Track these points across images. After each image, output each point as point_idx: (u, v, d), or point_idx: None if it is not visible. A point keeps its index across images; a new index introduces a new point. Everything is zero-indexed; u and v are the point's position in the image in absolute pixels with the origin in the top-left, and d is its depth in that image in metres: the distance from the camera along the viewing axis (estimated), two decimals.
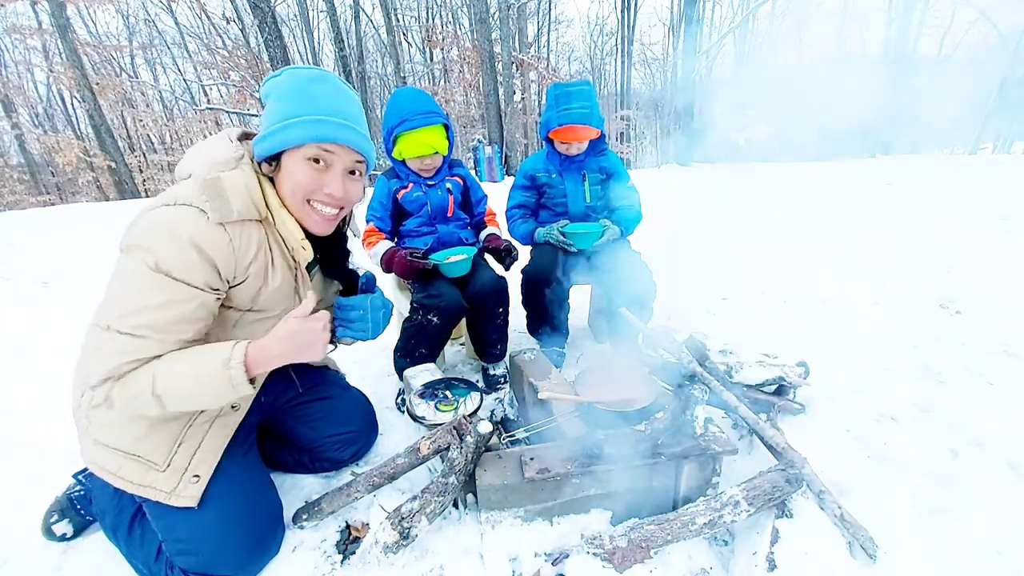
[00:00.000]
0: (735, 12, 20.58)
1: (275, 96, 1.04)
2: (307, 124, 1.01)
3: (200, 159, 1.04)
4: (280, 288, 1.12)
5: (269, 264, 1.08)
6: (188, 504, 1.07)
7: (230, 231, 0.99)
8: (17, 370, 2.39)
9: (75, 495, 1.30)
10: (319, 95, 1.03)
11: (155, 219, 0.94)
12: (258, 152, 1.05)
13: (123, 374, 0.94)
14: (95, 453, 1.09)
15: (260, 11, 8.91)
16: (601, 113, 2.04)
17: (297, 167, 1.04)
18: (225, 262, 0.99)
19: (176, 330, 0.96)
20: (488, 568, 1.13)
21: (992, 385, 1.78)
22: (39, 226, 5.21)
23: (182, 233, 0.93)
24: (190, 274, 0.94)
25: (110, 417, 1.07)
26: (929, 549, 1.10)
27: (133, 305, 0.93)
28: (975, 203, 5.02)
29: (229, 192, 0.98)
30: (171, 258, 0.92)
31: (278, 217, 1.07)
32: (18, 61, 15.61)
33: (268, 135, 1.02)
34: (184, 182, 1.02)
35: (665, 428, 1.24)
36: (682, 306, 2.71)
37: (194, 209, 0.95)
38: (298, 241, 1.09)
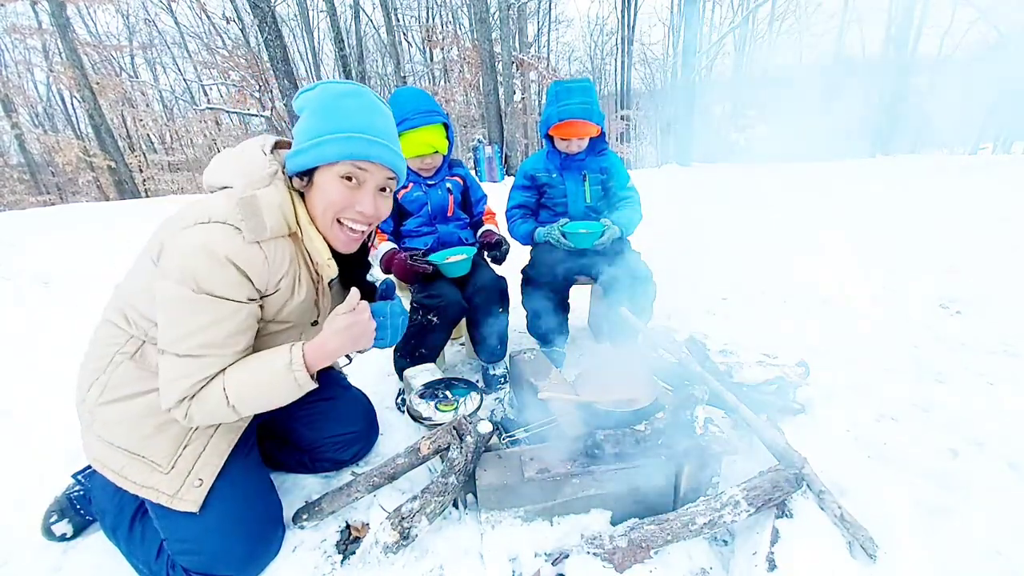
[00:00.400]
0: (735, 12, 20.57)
1: (309, 110, 1.04)
2: (341, 141, 1.01)
3: (234, 171, 1.04)
4: (304, 302, 1.13)
5: (297, 278, 1.10)
6: (190, 509, 1.07)
7: (265, 248, 1.00)
8: (17, 370, 2.39)
9: (74, 495, 1.30)
10: (353, 111, 1.03)
11: (191, 241, 0.94)
12: (291, 167, 1.05)
13: (195, 393, 0.98)
14: (99, 450, 1.08)
15: (260, 11, 8.91)
16: (601, 111, 2.04)
17: (330, 185, 1.04)
18: (260, 277, 1.00)
19: (231, 343, 1.00)
20: (488, 568, 1.13)
21: (992, 385, 1.78)
22: (39, 226, 5.21)
23: (219, 252, 0.93)
24: (231, 290, 0.96)
25: (117, 414, 1.07)
26: (929, 549, 1.10)
27: (185, 329, 0.95)
28: (975, 203, 5.02)
29: (264, 211, 0.98)
30: (211, 278, 0.94)
31: (307, 234, 1.08)
32: (18, 61, 15.61)
33: (301, 151, 1.02)
34: (217, 196, 1.02)
35: (665, 428, 1.24)
36: (682, 306, 2.71)
37: (229, 227, 0.96)
38: (325, 259, 1.10)
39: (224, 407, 0.99)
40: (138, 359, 1.08)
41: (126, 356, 1.08)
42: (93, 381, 1.09)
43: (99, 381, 1.08)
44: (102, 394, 1.07)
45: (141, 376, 1.08)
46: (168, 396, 0.98)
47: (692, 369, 1.51)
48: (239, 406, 1.00)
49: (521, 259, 2.23)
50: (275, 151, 1.10)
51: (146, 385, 1.07)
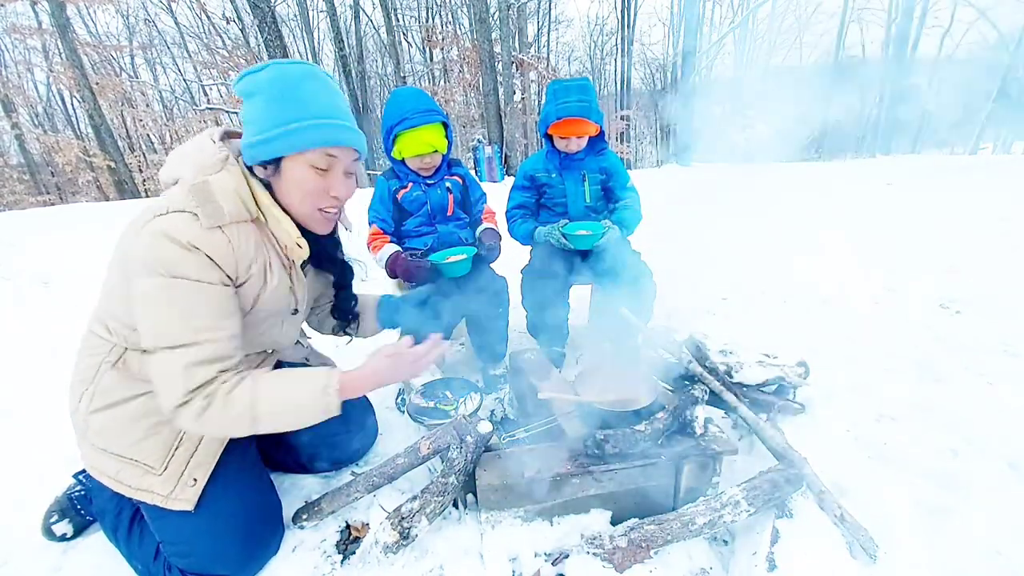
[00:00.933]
0: (735, 12, 20.58)
1: (265, 95, 0.99)
2: (312, 130, 0.99)
3: (184, 163, 1.02)
4: (278, 288, 1.12)
5: (268, 264, 1.08)
6: (185, 507, 1.07)
7: (227, 232, 0.98)
8: (17, 370, 2.39)
9: (75, 495, 1.31)
10: (316, 95, 1.01)
11: (152, 231, 0.92)
12: (253, 155, 1.02)
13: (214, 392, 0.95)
14: (93, 457, 1.09)
15: (260, 11, 8.91)
16: (600, 110, 2.03)
17: (304, 175, 1.03)
18: (227, 263, 0.98)
19: (222, 326, 0.98)
20: (488, 568, 1.13)
21: (992, 385, 1.78)
22: (39, 226, 5.21)
23: (182, 239, 0.92)
24: (204, 273, 0.94)
25: (107, 421, 1.07)
26: (929, 549, 1.10)
27: (168, 317, 0.93)
28: (975, 203, 5.02)
29: (218, 196, 0.97)
30: (182, 263, 0.92)
31: (271, 216, 1.06)
32: (18, 61, 15.60)
33: (267, 140, 0.99)
34: (173, 189, 1.01)
35: (665, 428, 1.24)
36: (682, 306, 2.71)
37: (187, 215, 0.94)
38: (294, 239, 1.08)
39: (246, 417, 0.97)
40: (120, 367, 1.08)
41: (109, 364, 1.08)
42: (83, 391, 1.09)
43: (88, 391, 1.08)
44: (91, 402, 1.07)
45: (126, 382, 1.07)
46: (170, 395, 0.94)
47: (692, 369, 1.51)
48: (261, 419, 0.98)
49: (521, 259, 2.23)
50: (225, 140, 1.09)
51: (132, 390, 1.07)
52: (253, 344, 1.17)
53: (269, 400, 0.99)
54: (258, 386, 0.99)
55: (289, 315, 1.20)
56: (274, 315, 1.15)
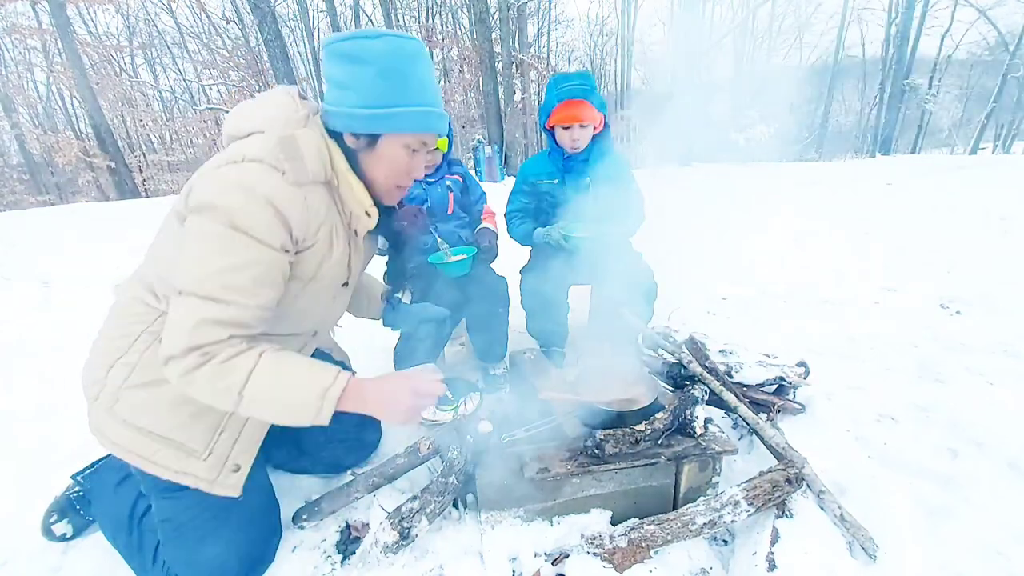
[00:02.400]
0: (735, 12, 20.60)
1: (378, 68, 0.95)
2: (421, 116, 1.00)
3: (263, 117, 0.99)
4: (340, 257, 1.09)
5: (334, 229, 1.05)
6: (230, 493, 1.05)
7: (305, 190, 0.95)
8: (17, 370, 2.39)
9: (74, 496, 1.30)
10: (425, 79, 1.01)
11: (227, 176, 0.89)
12: (349, 124, 1.00)
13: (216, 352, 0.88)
14: (121, 435, 1.02)
15: (260, 11, 8.91)
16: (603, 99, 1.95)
17: (398, 153, 1.03)
18: (299, 222, 0.94)
19: (258, 293, 0.92)
20: (488, 568, 1.12)
21: (992, 385, 1.78)
22: (39, 226, 5.21)
23: (258, 190, 0.88)
24: (267, 233, 0.90)
25: (148, 399, 1.01)
26: (929, 549, 1.10)
27: (212, 267, 0.88)
28: (975, 203, 5.02)
29: (305, 152, 0.95)
30: (248, 216, 0.88)
31: (344, 182, 1.03)
32: (18, 61, 15.61)
33: (376, 116, 0.97)
34: (251, 139, 0.97)
35: (665, 428, 1.24)
36: (682, 306, 2.71)
37: (267, 166, 0.91)
38: (364, 207, 1.05)
39: (235, 393, 0.89)
40: None
41: (155, 336, 1.01)
42: (115, 360, 1.02)
43: (123, 362, 1.02)
44: (129, 377, 1.01)
45: None
46: (171, 344, 0.87)
47: (692, 369, 1.51)
48: (247, 399, 0.90)
49: (521, 259, 2.23)
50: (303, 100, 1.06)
51: None
52: (302, 320, 1.13)
53: (265, 380, 0.90)
54: (262, 361, 0.91)
55: (340, 288, 1.17)
56: (327, 288, 1.11)
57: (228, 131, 1.03)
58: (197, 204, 0.89)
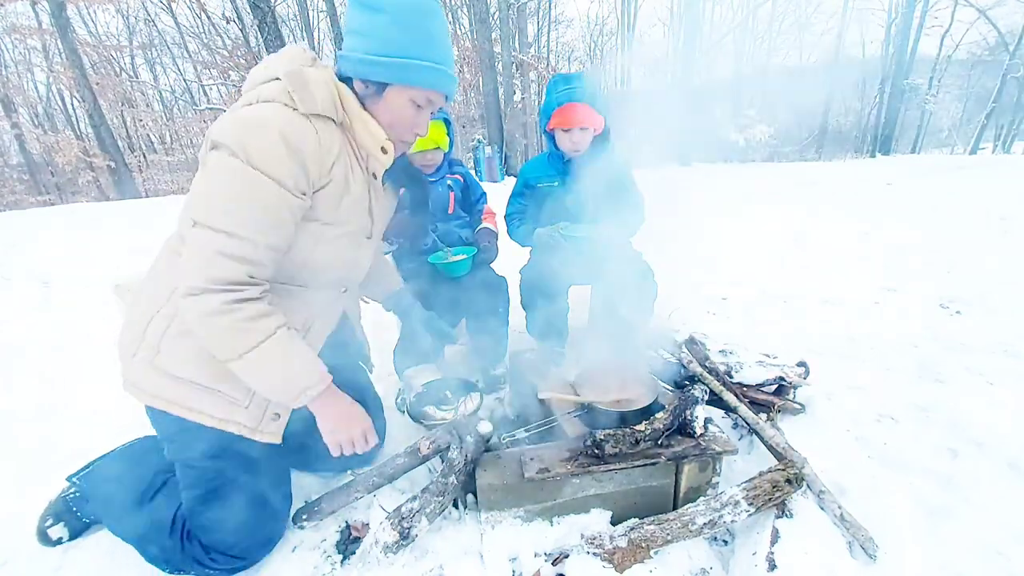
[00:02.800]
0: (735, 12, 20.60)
1: (393, 17, 0.98)
2: (430, 71, 1.02)
3: (278, 65, 1.02)
4: (359, 199, 1.11)
5: (350, 169, 1.07)
6: (272, 440, 1.08)
7: (315, 124, 0.98)
8: (17, 370, 2.39)
9: (70, 496, 1.29)
10: (441, 36, 1.03)
11: (243, 116, 0.93)
12: (359, 69, 1.02)
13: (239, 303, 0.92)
14: (162, 385, 1.03)
15: (260, 11, 8.91)
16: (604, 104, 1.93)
17: (403, 106, 1.05)
18: (313, 157, 0.97)
19: (269, 233, 0.95)
20: (488, 568, 1.13)
21: (992, 385, 1.78)
22: (39, 226, 5.21)
23: (272, 124, 0.92)
24: (281, 171, 0.93)
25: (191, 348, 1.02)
26: (929, 549, 1.10)
27: (228, 201, 0.91)
28: (975, 203, 5.02)
29: (312, 84, 0.97)
30: (263, 151, 0.91)
31: (359, 119, 1.05)
32: (18, 61, 15.61)
33: (386, 64, 1.00)
34: (264, 85, 1.00)
35: (665, 428, 1.24)
36: (682, 306, 2.71)
37: (277, 104, 0.95)
38: (379, 143, 1.07)
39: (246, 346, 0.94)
40: None
41: None
42: (155, 313, 1.04)
43: (162, 313, 1.04)
44: (170, 327, 1.03)
45: None
46: (191, 275, 0.91)
47: (692, 369, 1.51)
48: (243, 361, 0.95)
49: (521, 259, 2.23)
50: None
51: None
52: (326, 271, 1.14)
53: (269, 355, 0.96)
54: (276, 335, 0.97)
55: (364, 239, 1.18)
56: (351, 235, 1.13)
57: (245, 88, 1.06)
58: (215, 141, 0.93)
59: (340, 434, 1.13)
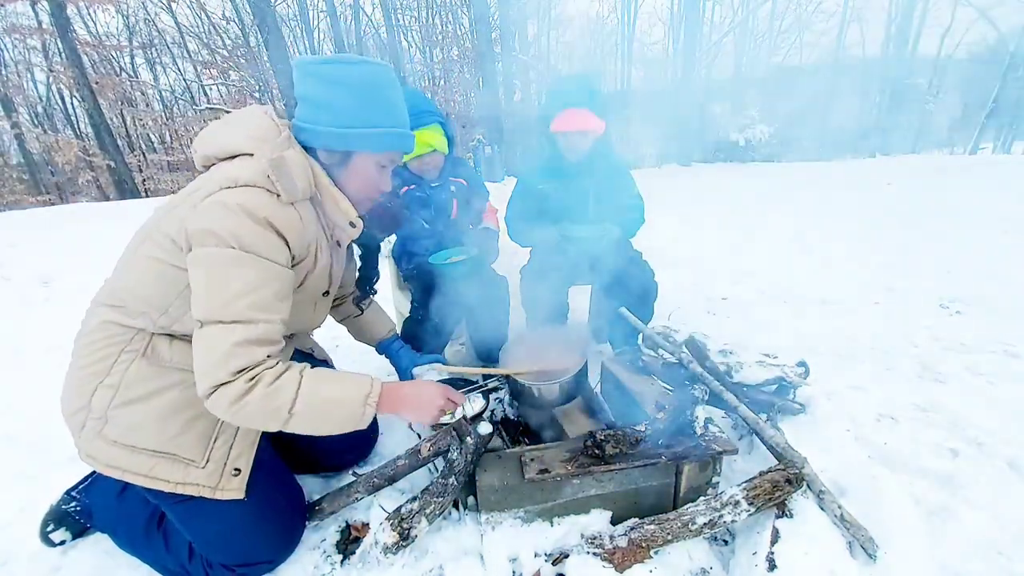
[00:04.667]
0: (735, 12, 20.57)
1: (353, 91, 1.02)
2: (392, 137, 1.08)
3: (247, 137, 1.01)
4: (323, 268, 1.13)
5: (319, 243, 1.09)
6: (235, 496, 1.06)
7: (299, 209, 1.00)
8: (17, 369, 2.39)
9: (71, 509, 1.28)
10: (397, 103, 1.09)
11: (225, 204, 0.91)
12: (326, 141, 1.05)
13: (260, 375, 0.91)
14: (114, 456, 1.02)
15: (260, 11, 8.91)
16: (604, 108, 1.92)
17: (371, 170, 1.11)
18: (295, 240, 0.99)
19: (278, 308, 0.97)
20: (488, 569, 1.13)
21: (992, 385, 1.78)
22: (39, 226, 5.21)
23: (258, 214, 0.92)
24: (273, 252, 0.94)
25: (137, 416, 1.01)
26: (929, 549, 1.10)
27: (232, 291, 0.90)
28: (975, 203, 5.02)
29: (294, 171, 0.98)
30: (254, 236, 0.92)
31: (329, 196, 1.08)
32: (18, 61, 15.58)
33: (350, 135, 1.04)
34: (237, 162, 0.99)
35: (665, 428, 1.24)
36: (682, 306, 2.71)
37: (261, 190, 0.94)
38: (348, 219, 1.11)
39: (284, 411, 0.93)
40: (150, 355, 1.03)
41: (136, 354, 1.03)
42: (97, 385, 1.02)
43: (105, 384, 1.02)
44: (114, 397, 1.01)
45: (157, 373, 1.03)
46: (213, 372, 0.89)
47: (692, 369, 1.51)
48: (296, 415, 0.94)
49: (521, 259, 2.23)
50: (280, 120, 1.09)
51: (165, 381, 1.03)
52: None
53: (312, 396, 0.95)
54: (305, 379, 0.96)
55: (321, 297, 1.20)
56: (309, 298, 1.16)
57: (206, 152, 1.04)
58: (200, 235, 0.91)
59: (430, 411, 1.12)
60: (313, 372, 1.00)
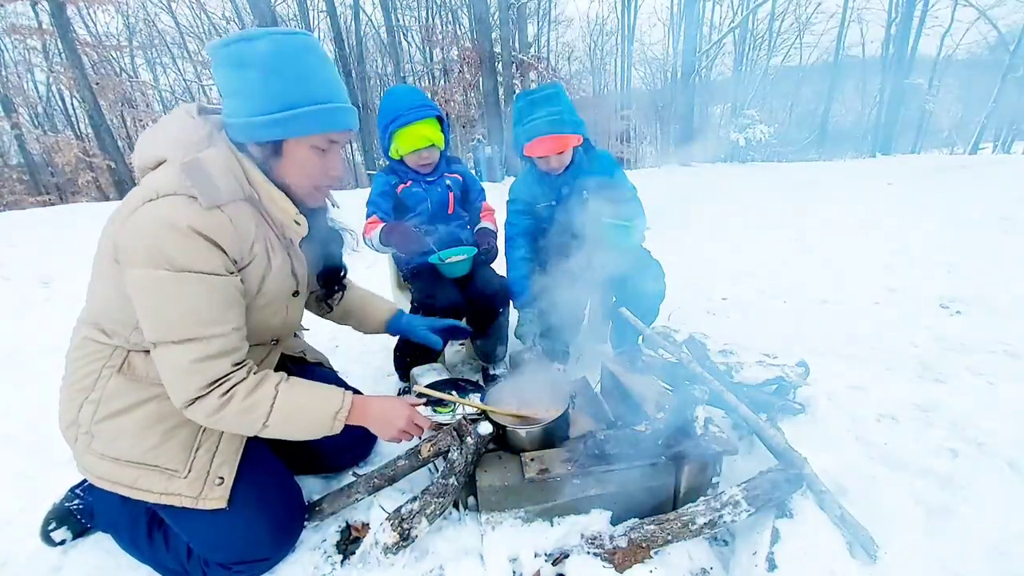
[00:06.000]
0: (735, 12, 20.58)
1: (263, 70, 0.90)
2: (318, 115, 0.95)
3: (162, 143, 0.96)
4: (282, 267, 1.09)
5: (269, 243, 1.05)
6: (217, 506, 1.06)
7: (226, 212, 0.93)
8: (17, 370, 2.39)
9: (74, 507, 1.28)
10: (317, 72, 0.95)
11: (146, 220, 0.87)
12: (250, 134, 0.97)
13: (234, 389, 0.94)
14: (103, 468, 1.04)
15: (260, 11, 8.91)
16: (578, 118, 1.83)
17: (306, 157, 1.00)
18: (231, 244, 0.94)
19: (229, 318, 0.96)
20: (488, 569, 1.12)
21: (992, 385, 1.78)
22: (39, 226, 5.21)
23: (181, 224, 0.87)
24: (207, 262, 0.90)
25: (118, 429, 1.03)
26: (929, 549, 1.10)
27: (174, 311, 0.89)
28: (975, 203, 5.01)
29: (213, 173, 0.91)
30: (184, 253, 0.88)
31: (266, 194, 1.01)
32: (18, 61, 15.59)
33: (271, 122, 0.93)
34: (159, 171, 0.94)
35: (665, 428, 1.24)
36: (682, 306, 2.71)
37: (181, 197, 0.89)
38: (291, 217, 1.05)
39: (259, 422, 0.98)
40: (126, 371, 1.05)
41: (113, 370, 1.04)
42: (83, 400, 1.04)
43: (90, 399, 1.04)
44: (96, 411, 1.03)
45: (134, 387, 1.04)
46: (183, 390, 0.92)
47: (692, 369, 1.50)
48: (271, 426, 1.00)
49: None
50: (203, 114, 1.03)
51: (142, 394, 1.04)
52: (259, 333, 1.14)
53: (285, 410, 1.00)
54: (279, 394, 1.00)
55: (291, 298, 1.18)
56: (278, 299, 1.12)
57: (138, 163, 1.01)
58: (129, 255, 0.89)
59: (390, 431, 1.16)
60: (287, 387, 1.02)
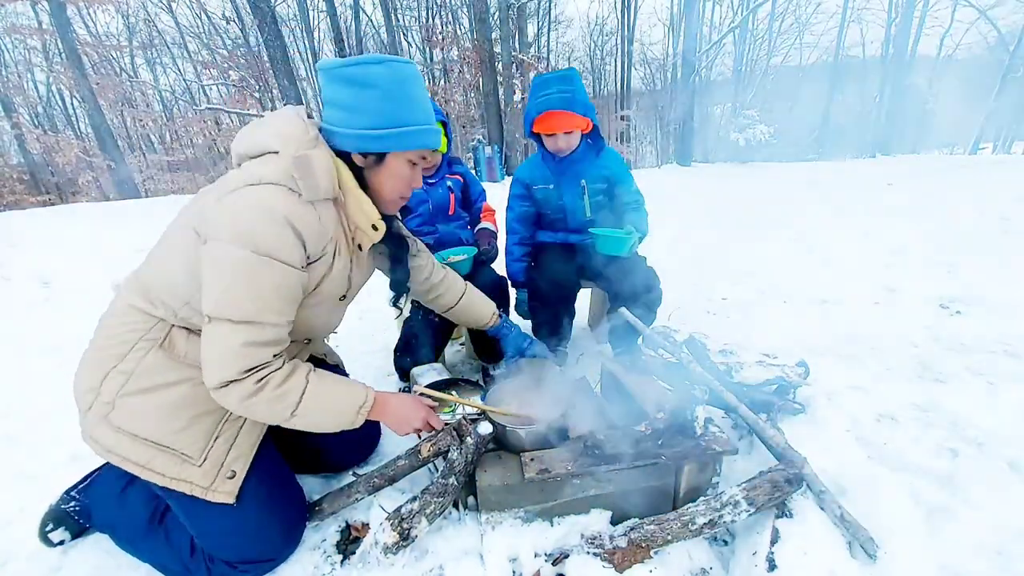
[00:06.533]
0: (735, 12, 20.57)
1: (382, 92, 1.02)
2: (421, 134, 1.08)
3: (276, 136, 1.02)
4: (341, 271, 1.13)
5: (338, 246, 1.10)
6: (225, 500, 1.06)
7: (318, 208, 1.01)
8: (17, 369, 2.39)
9: (71, 509, 1.28)
10: (423, 99, 1.09)
11: (245, 201, 0.92)
12: (359, 144, 1.06)
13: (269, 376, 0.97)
14: (116, 442, 1.03)
15: (260, 11, 8.91)
16: (590, 102, 1.85)
17: (403, 169, 1.12)
18: (313, 240, 1.00)
19: (286, 311, 1.00)
20: (488, 569, 1.12)
21: (992, 385, 1.78)
22: (39, 226, 5.20)
23: (278, 211, 0.93)
24: (290, 254, 0.96)
25: (145, 406, 1.02)
26: (929, 549, 1.10)
27: (242, 292, 0.92)
28: (975, 203, 5.01)
29: (317, 170, 0.99)
30: (270, 240, 0.92)
31: (353, 198, 1.08)
32: (18, 61, 15.59)
33: (384, 136, 1.04)
34: (265, 159, 1.01)
35: (665, 428, 1.24)
36: (682, 306, 2.71)
37: (283, 188, 0.95)
38: (371, 221, 1.11)
39: (290, 409, 1.00)
40: (167, 347, 1.05)
41: (153, 343, 1.04)
42: (110, 369, 1.03)
43: (119, 369, 1.03)
44: (125, 384, 1.02)
45: (171, 366, 1.04)
46: (222, 369, 0.93)
47: (692, 369, 1.51)
48: (299, 415, 1.01)
49: None
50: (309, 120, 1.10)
51: (179, 375, 1.04)
52: (299, 331, 1.15)
53: (314, 400, 1.02)
54: (310, 384, 1.02)
55: (337, 301, 1.20)
56: (327, 301, 1.15)
57: (239, 150, 1.07)
58: (217, 229, 0.93)
59: (405, 427, 1.20)
60: (317, 378, 1.05)
